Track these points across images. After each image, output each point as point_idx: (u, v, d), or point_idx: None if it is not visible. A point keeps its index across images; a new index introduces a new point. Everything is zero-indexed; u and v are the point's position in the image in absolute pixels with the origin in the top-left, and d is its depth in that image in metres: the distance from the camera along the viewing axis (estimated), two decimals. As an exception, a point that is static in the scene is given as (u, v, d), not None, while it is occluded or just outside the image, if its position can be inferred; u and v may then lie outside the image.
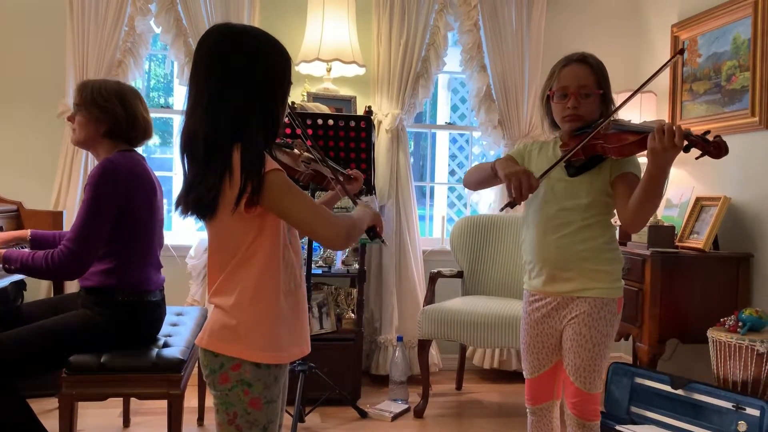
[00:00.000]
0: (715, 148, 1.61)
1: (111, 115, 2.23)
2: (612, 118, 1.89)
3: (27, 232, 2.53)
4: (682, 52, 1.93)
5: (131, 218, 2.19)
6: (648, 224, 3.12)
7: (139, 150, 2.41)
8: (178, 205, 1.45)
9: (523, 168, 1.89)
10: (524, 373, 2.13)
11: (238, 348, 1.43)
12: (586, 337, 1.94)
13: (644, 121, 1.90)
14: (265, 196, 1.38)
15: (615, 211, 1.97)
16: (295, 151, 1.70)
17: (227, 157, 1.37)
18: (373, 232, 1.65)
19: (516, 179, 1.80)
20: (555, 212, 1.96)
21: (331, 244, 1.50)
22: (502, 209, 1.91)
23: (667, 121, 1.69)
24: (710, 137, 1.64)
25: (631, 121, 1.94)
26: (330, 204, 1.82)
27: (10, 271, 2.15)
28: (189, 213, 1.43)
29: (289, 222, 1.46)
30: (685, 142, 1.64)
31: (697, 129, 3.47)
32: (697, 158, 1.71)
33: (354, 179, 1.85)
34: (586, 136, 1.86)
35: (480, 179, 2.10)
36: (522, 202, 1.86)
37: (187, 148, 1.43)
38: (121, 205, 2.15)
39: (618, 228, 3.19)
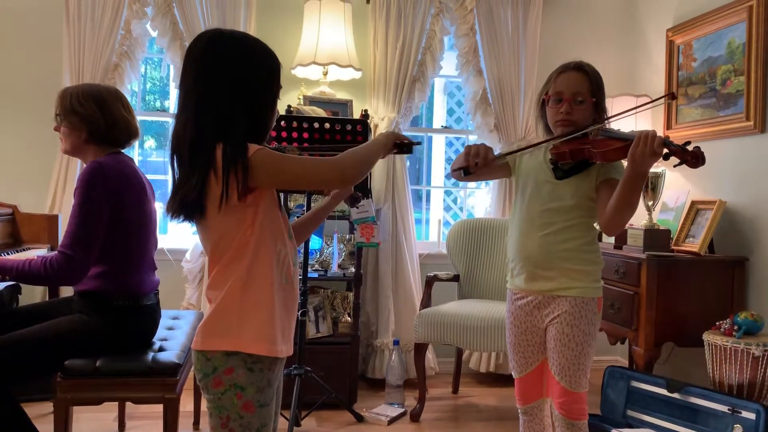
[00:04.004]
0: (693, 158, 1.69)
1: (89, 120, 2.21)
2: (602, 127, 1.96)
3: (34, 257, 2.50)
4: (673, 96, 2.01)
5: (121, 220, 2.17)
6: (644, 227, 3.13)
7: (132, 152, 2.41)
8: (168, 209, 1.46)
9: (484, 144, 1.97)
10: (513, 373, 2.17)
11: (231, 341, 1.43)
12: (569, 336, 1.98)
13: (632, 130, 1.94)
14: (258, 176, 1.40)
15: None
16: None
17: (211, 157, 1.38)
18: (404, 147, 1.64)
19: (475, 147, 1.90)
20: (539, 212, 2.01)
21: (340, 180, 1.51)
22: (453, 172, 1.94)
23: (651, 130, 1.75)
24: (690, 147, 1.71)
25: (620, 130, 2.00)
26: (328, 210, 1.82)
27: (5, 281, 2.13)
28: (177, 215, 1.44)
29: (291, 186, 1.51)
30: (665, 150, 1.71)
31: (692, 133, 3.49)
32: (675, 166, 1.78)
33: None
34: (575, 142, 1.93)
35: (453, 167, 2.11)
36: (474, 173, 1.91)
37: (175, 150, 1.45)
38: (112, 205, 2.13)
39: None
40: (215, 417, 1.46)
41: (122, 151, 2.34)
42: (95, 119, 2.21)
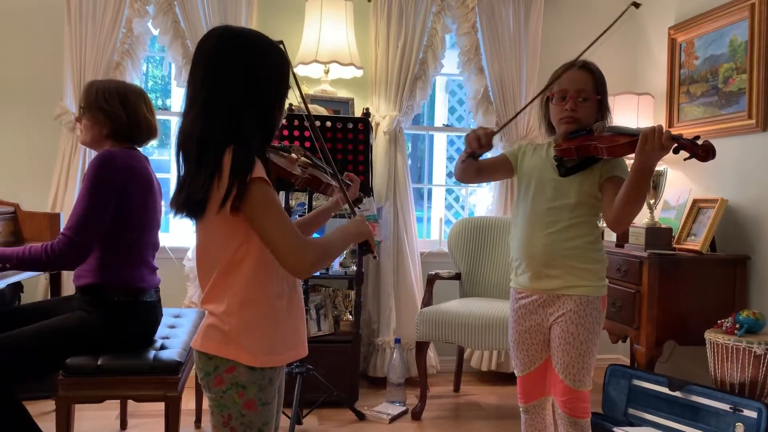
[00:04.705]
0: (703, 151, 1.69)
1: (113, 118, 2.25)
2: (607, 124, 1.97)
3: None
4: (636, 5, 2.05)
5: (124, 212, 2.18)
6: (645, 226, 3.13)
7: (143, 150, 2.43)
8: (171, 204, 1.45)
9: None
10: (515, 371, 2.17)
11: (231, 351, 1.43)
12: (574, 335, 1.99)
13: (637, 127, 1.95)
14: (246, 203, 1.36)
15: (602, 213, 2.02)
16: (293, 155, 1.70)
17: (218, 158, 1.37)
18: (366, 247, 1.63)
19: (473, 132, 1.98)
20: (544, 210, 2.01)
21: (292, 271, 1.43)
22: (464, 160, 2.05)
23: (658, 125, 1.75)
24: (699, 141, 1.71)
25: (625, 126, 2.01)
26: (330, 212, 1.82)
27: (5, 269, 2.15)
28: (180, 212, 1.43)
29: (259, 236, 1.40)
30: (675, 144, 1.71)
31: (694, 131, 3.48)
32: (685, 159, 1.78)
33: (351, 183, 1.85)
34: (580, 138, 1.93)
35: (458, 164, 2.13)
36: (483, 154, 2.05)
37: (181, 148, 1.44)
38: (117, 195, 2.15)
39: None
40: (217, 415, 1.46)
41: (139, 149, 2.37)
42: (118, 117, 2.25)
